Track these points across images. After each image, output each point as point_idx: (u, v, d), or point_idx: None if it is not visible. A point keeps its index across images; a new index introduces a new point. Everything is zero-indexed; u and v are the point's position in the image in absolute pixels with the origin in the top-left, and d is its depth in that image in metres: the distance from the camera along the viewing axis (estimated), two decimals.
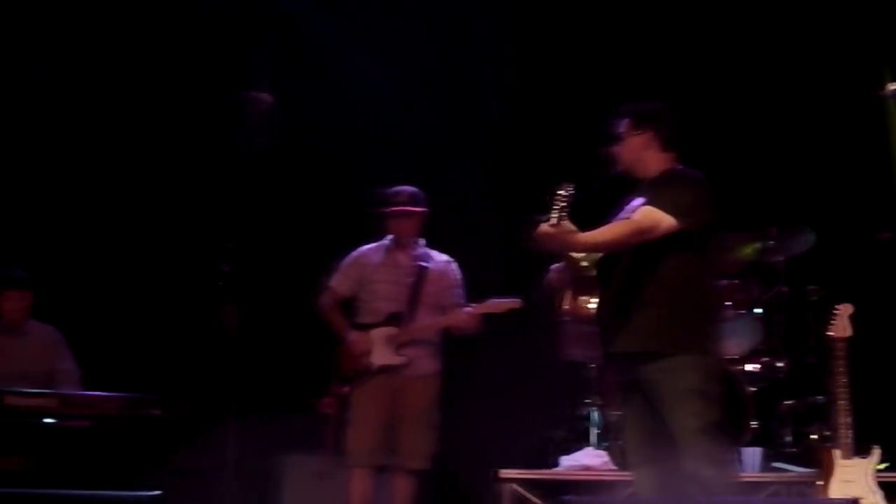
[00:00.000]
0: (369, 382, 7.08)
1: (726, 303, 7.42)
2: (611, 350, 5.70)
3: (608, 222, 5.63)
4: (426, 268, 7.23)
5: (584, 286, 6.62)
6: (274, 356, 8.13)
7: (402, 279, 7.18)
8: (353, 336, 7.14)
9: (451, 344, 7.30)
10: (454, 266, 7.34)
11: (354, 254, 7.32)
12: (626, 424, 5.82)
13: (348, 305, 7.31)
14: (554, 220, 5.29)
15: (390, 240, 7.28)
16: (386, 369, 7.09)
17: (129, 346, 8.23)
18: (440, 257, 7.33)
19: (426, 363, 7.18)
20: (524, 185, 8.17)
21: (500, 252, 8.17)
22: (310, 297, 7.31)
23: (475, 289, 7.34)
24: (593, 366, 7.57)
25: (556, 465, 7.36)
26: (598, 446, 7.40)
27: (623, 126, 5.75)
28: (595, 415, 7.55)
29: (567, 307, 7.06)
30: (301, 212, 8.55)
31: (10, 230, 8.29)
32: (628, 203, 5.64)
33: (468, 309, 7.12)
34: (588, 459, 7.26)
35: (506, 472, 7.14)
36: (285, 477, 7.76)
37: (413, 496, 7.11)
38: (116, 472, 6.33)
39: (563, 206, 5.29)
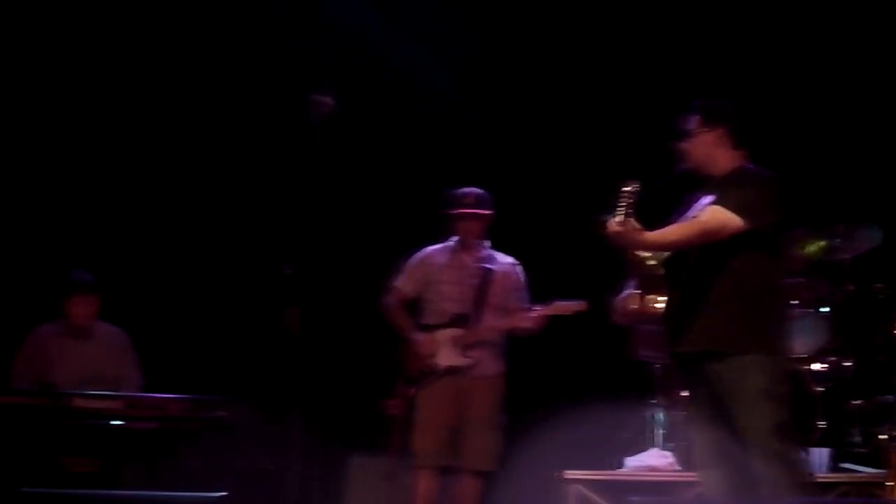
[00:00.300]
0: (435, 384, 7.08)
1: (793, 302, 7.33)
2: (678, 350, 5.64)
3: (675, 220, 5.58)
4: (491, 270, 7.22)
5: (651, 284, 6.55)
6: (338, 358, 8.15)
7: (468, 280, 7.18)
8: (419, 337, 7.13)
9: (517, 344, 7.28)
10: (519, 268, 7.33)
11: (419, 254, 7.32)
12: (694, 424, 5.76)
13: (413, 306, 7.30)
14: (620, 218, 5.25)
15: (456, 241, 7.28)
16: (452, 370, 7.09)
17: (194, 348, 8.30)
18: (505, 259, 7.31)
19: (491, 364, 7.17)
20: (589, 184, 8.18)
21: (564, 252, 8.16)
22: (373, 298, 7.32)
23: (539, 289, 7.32)
24: (658, 366, 7.51)
25: (620, 465, 7.32)
26: (664, 447, 7.35)
27: (693, 123, 5.66)
28: (660, 415, 7.50)
29: (635, 307, 7.01)
30: (363, 214, 8.57)
31: (79, 234, 8.38)
32: (696, 200, 5.59)
33: (534, 311, 7.09)
34: (653, 460, 7.21)
35: (570, 473, 7.11)
36: (350, 478, 7.78)
37: (478, 497, 7.10)
38: (182, 473, 6.38)
39: (629, 204, 5.25)
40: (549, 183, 8.54)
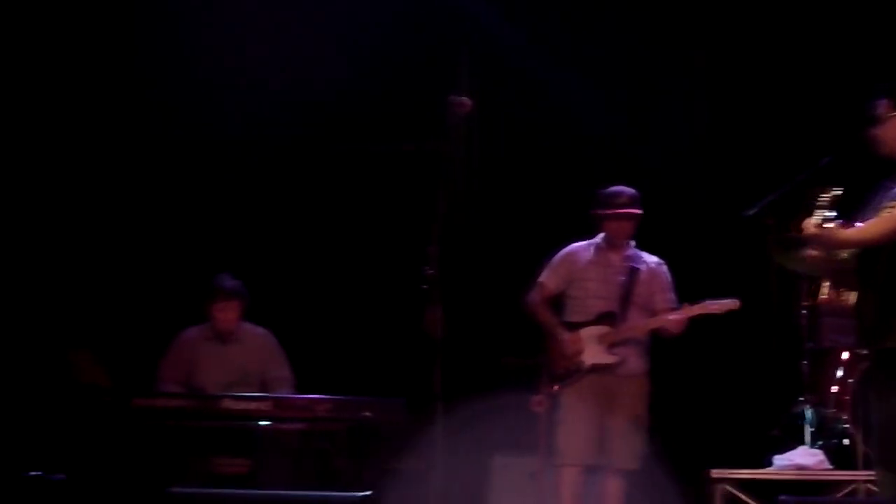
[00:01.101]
0: (580, 382, 7.04)
1: None
2: (872, 346, 5.43)
3: (866, 210, 5.36)
4: (638, 269, 7.16)
5: (843, 278, 6.38)
6: (481, 357, 8.17)
7: (614, 278, 7.13)
8: (565, 335, 7.10)
9: (664, 341, 7.21)
10: (665, 268, 7.26)
11: (564, 251, 7.29)
12: (882, 422, 5.49)
13: (557, 303, 7.28)
14: (819, 221, 5.14)
15: (602, 239, 7.22)
16: (598, 368, 7.04)
17: (339, 349, 8.39)
18: (651, 259, 7.25)
19: (636, 363, 7.12)
20: (732, 184, 8.09)
21: (707, 252, 8.09)
22: (513, 297, 7.31)
23: (682, 289, 7.24)
24: (806, 363, 7.40)
25: (768, 464, 7.21)
26: (813, 445, 7.22)
27: (882, 107, 5.38)
28: (809, 413, 7.37)
29: (825, 297, 6.91)
30: (503, 213, 8.58)
31: (224, 238, 8.53)
32: (889, 190, 5.36)
33: (684, 310, 7.01)
34: (802, 459, 7.09)
35: (717, 472, 7.03)
36: (494, 477, 7.79)
37: (623, 496, 7.05)
38: (328, 473, 6.45)
39: (828, 207, 5.13)
40: (691, 181, 8.45)
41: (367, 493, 5.82)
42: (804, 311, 7.44)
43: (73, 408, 6.77)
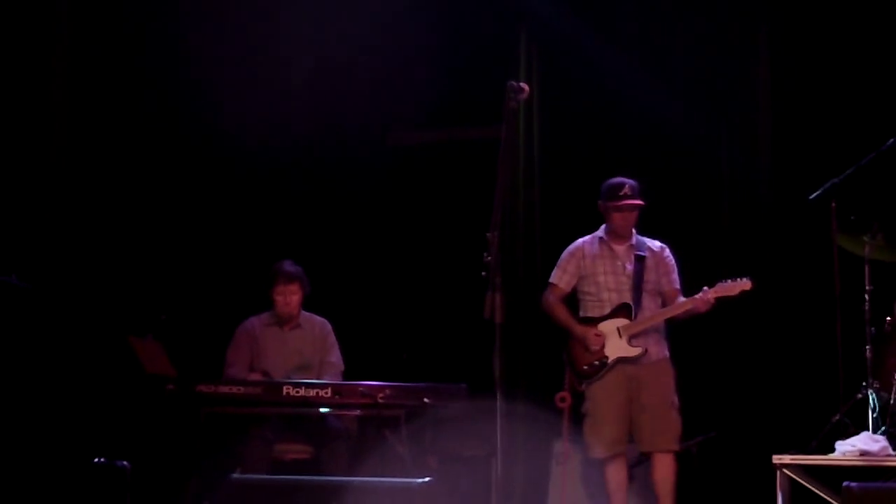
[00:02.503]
0: (605, 375, 7.07)
1: None
2: None
3: None
4: (644, 256, 7.19)
5: None
6: (541, 344, 8.17)
7: (622, 269, 7.16)
8: (585, 331, 7.12)
9: (726, 329, 7.15)
10: (668, 252, 7.29)
11: (570, 248, 7.33)
12: None
13: (573, 302, 7.28)
14: None
15: (605, 231, 7.25)
16: (622, 361, 7.06)
17: (399, 336, 8.42)
18: (653, 244, 7.29)
19: (657, 350, 7.14)
20: (797, 167, 8.03)
21: (771, 235, 8.04)
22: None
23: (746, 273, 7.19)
24: (869, 347, 7.32)
25: (831, 450, 7.15)
26: (876, 431, 7.15)
27: None
28: (873, 398, 7.30)
29: None
30: (563, 199, 8.57)
31: (287, 225, 8.59)
32: None
33: (701, 293, 7.01)
34: (865, 444, 7.01)
35: (780, 458, 6.98)
36: (554, 463, 7.79)
37: (674, 479, 7.03)
38: (388, 459, 6.49)
39: None
40: (754, 167, 8.39)
41: (427, 479, 5.85)
42: (867, 296, 7.36)
43: (139, 396, 6.86)
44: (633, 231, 7.26)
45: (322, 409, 6.81)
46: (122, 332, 7.06)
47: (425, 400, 6.62)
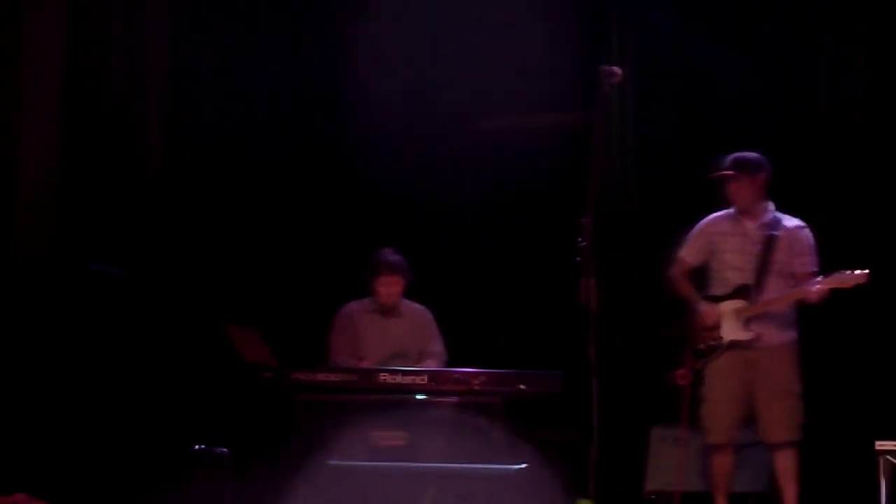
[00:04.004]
0: (721, 357, 6.95)
1: None
2: None
3: None
4: (776, 236, 6.99)
5: None
6: (636, 329, 8.13)
7: (750, 248, 6.99)
8: (704, 308, 7.01)
9: (827, 313, 7.04)
10: (806, 231, 7.06)
11: (702, 223, 7.18)
12: None
13: (700, 276, 7.18)
14: None
15: (735, 207, 7.10)
16: (735, 345, 6.93)
17: (494, 323, 8.42)
18: (791, 222, 7.07)
19: (777, 335, 6.96)
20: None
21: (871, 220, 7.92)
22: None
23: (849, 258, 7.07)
24: None
25: None
26: None
27: None
28: None
29: None
30: (657, 183, 8.51)
31: (388, 214, 8.63)
32: None
33: (815, 282, 6.84)
34: None
35: (882, 444, 6.87)
36: (651, 450, 7.76)
37: (797, 468, 6.90)
38: (483, 446, 6.48)
39: None
40: (851, 154, 8.27)
41: (523, 465, 5.83)
42: None
43: (237, 384, 6.93)
44: (770, 207, 7.08)
45: (418, 396, 6.82)
46: (221, 320, 7.13)
47: (521, 387, 6.60)
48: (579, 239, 5.57)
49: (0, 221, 7.07)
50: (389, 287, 7.55)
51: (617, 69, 5.79)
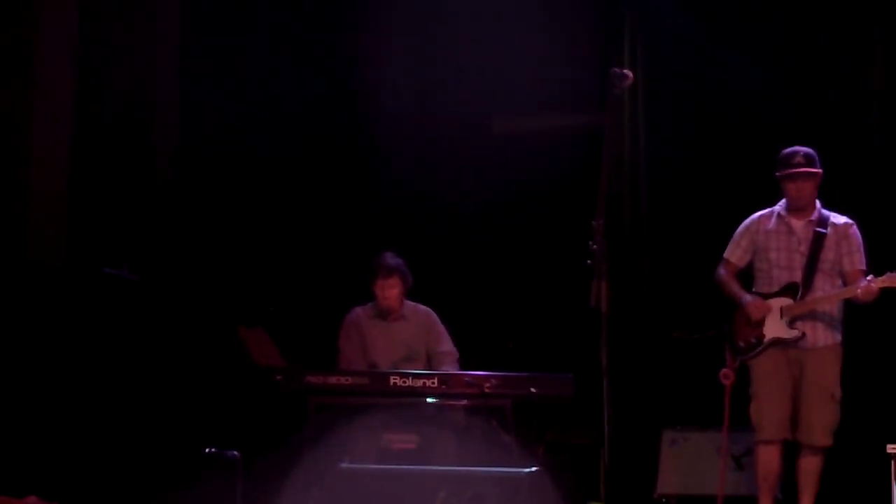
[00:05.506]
0: (765, 355, 6.88)
1: None
2: None
3: None
4: (823, 233, 6.91)
5: None
6: (648, 332, 8.11)
7: (797, 246, 6.94)
8: (752, 301, 6.97)
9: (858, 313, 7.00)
10: (854, 229, 6.98)
11: (746, 222, 7.10)
12: None
13: (749, 276, 7.14)
14: None
15: (782, 205, 7.03)
16: (777, 342, 6.88)
17: (505, 325, 8.41)
18: (839, 219, 6.98)
19: (823, 335, 6.89)
20: None
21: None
22: (683, 270, 7.23)
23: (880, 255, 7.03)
24: None
25: None
26: None
27: None
28: None
29: None
30: (668, 186, 8.50)
31: (391, 217, 8.62)
32: None
33: (865, 281, 6.78)
34: None
35: (894, 447, 6.84)
36: (662, 451, 7.74)
37: (819, 473, 6.86)
38: (495, 448, 6.47)
39: None
40: (863, 157, 8.24)
41: (534, 468, 5.82)
42: None
43: (248, 387, 6.92)
44: (817, 205, 7.01)
45: (429, 399, 6.81)
46: (232, 323, 7.13)
47: (532, 390, 6.58)
48: (591, 242, 5.54)
49: (12, 224, 7.08)
50: (386, 290, 7.53)
51: (629, 72, 5.75)
